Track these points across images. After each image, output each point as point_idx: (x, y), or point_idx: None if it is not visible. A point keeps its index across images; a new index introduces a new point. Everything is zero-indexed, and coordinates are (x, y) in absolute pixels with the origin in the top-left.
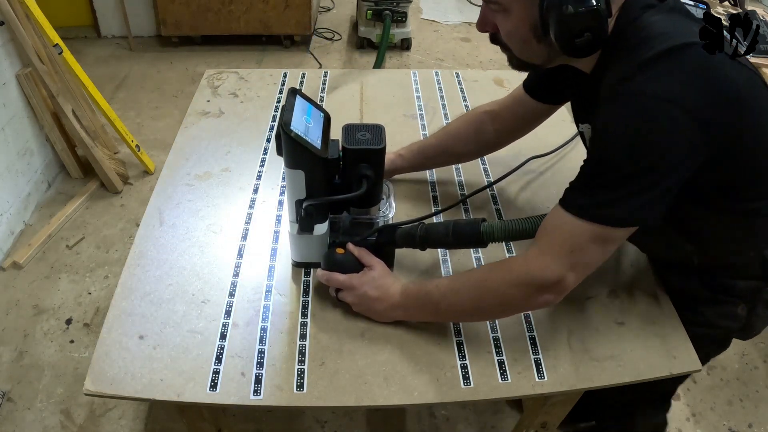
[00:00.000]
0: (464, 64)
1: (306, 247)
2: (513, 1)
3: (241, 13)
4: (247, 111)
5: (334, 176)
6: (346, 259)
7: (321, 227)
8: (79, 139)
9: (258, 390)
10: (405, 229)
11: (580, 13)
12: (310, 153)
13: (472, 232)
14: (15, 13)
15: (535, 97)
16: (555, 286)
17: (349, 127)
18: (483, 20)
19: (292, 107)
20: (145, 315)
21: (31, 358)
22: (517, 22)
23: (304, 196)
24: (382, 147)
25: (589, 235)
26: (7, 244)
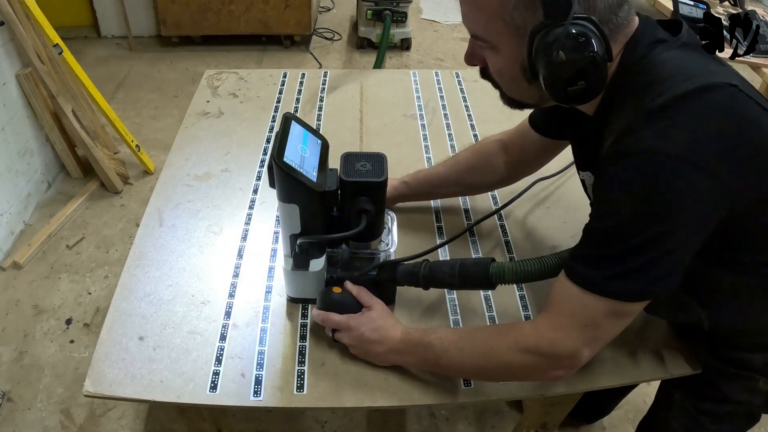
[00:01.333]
0: (464, 65)
1: (301, 284)
2: (501, 39)
3: (241, 13)
4: (246, 111)
5: (332, 208)
6: (343, 299)
7: (317, 263)
8: (79, 139)
9: (258, 391)
10: (408, 266)
11: (572, 61)
12: (305, 187)
13: (480, 274)
14: (15, 13)
15: (540, 132)
16: (569, 361)
17: (349, 156)
18: (471, 54)
19: (287, 135)
20: (145, 316)
21: (31, 358)
22: (507, 61)
23: (299, 231)
24: (383, 180)
25: (603, 310)
26: (7, 244)
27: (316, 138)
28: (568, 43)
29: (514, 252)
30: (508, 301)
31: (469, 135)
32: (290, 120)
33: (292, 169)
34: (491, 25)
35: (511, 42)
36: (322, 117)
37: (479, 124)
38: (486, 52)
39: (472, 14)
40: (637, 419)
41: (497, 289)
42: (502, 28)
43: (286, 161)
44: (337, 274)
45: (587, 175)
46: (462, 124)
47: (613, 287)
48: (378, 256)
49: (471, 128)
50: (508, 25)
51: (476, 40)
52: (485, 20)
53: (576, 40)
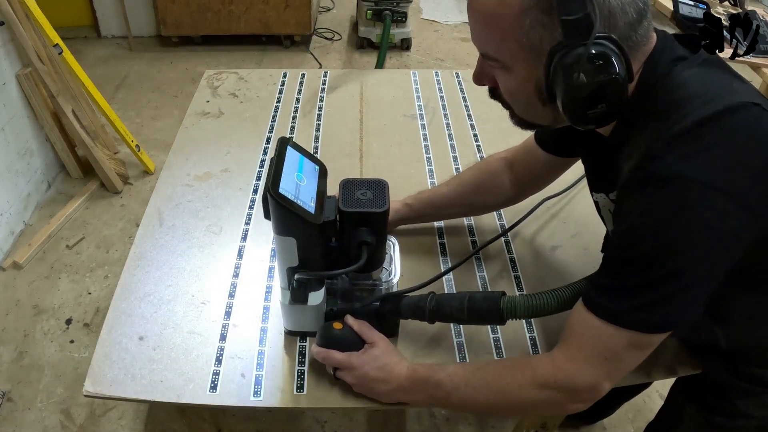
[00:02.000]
0: (464, 64)
1: (300, 317)
2: (514, 59)
3: (241, 13)
4: (246, 111)
5: (331, 239)
6: (344, 336)
7: (316, 296)
8: (79, 139)
9: (258, 391)
10: (413, 299)
11: (594, 84)
12: (302, 219)
13: (490, 309)
14: (15, 13)
15: (548, 150)
16: (588, 394)
17: (348, 183)
18: (480, 74)
19: (282, 162)
20: (145, 316)
21: (31, 358)
22: (520, 82)
23: (296, 264)
24: (384, 210)
25: (625, 343)
26: (7, 244)
27: (314, 164)
28: (589, 64)
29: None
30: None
31: (469, 135)
32: (285, 145)
33: (289, 201)
34: (504, 44)
35: (526, 62)
36: (322, 117)
37: (479, 124)
38: (497, 72)
39: (483, 33)
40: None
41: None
42: (516, 48)
43: (281, 192)
44: (337, 306)
45: (601, 197)
46: (462, 124)
47: (636, 319)
48: (380, 287)
49: (471, 128)
50: (522, 45)
51: (486, 59)
52: (498, 39)
53: (597, 61)
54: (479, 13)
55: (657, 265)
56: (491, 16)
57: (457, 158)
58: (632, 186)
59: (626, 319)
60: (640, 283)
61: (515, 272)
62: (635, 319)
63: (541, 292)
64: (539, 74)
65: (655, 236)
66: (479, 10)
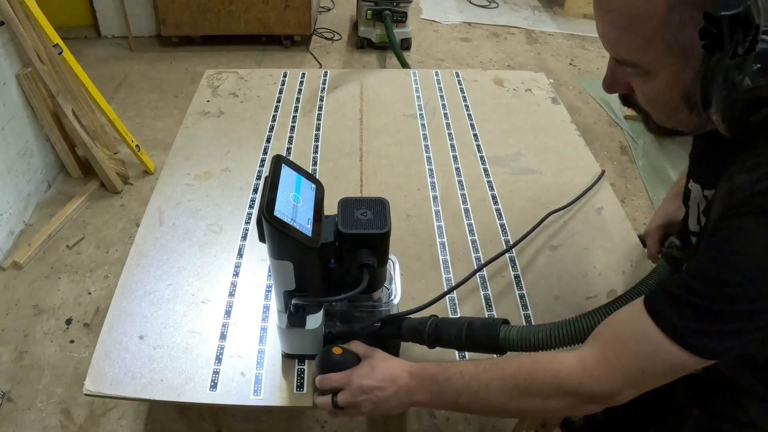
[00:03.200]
0: (464, 64)
1: (298, 341)
2: (659, 63)
3: (241, 13)
4: (247, 111)
5: (330, 260)
6: (345, 360)
7: (314, 319)
8: (79, 139)
9: (258, 390)
10: (413, 322)
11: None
12: (299, 243)
13: (489, 339)
14: (15, 13)
15: None
16: (608, 399)
17: (347, 203)
18: (612, 80)
19: (277, 183)
20: (145, 315)
21: (31, 358)
22: (665, 88)
23: (293, 288)
24: (386, 231)
25: (674, 362)
26: (7, 244)
27: (310, 182)
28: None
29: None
30: None
31: (469, 135)
32: (281, 164)
33: (284, 225)
34: (649, 48)
35: (673, 66)
36: (322, 117)
37: (479, 124)
38: (635, 78)
39: (621, 36)
40: None
41: None
42: (662, 51)
43: (277, 215)
44: (336, 329)
45: (696, 187)
46: (462, 123)
47: (701, 343)
48: (380, 308)
49: (471, 128)
50: (670, 47)
51: (624, 65)
52: (642, 43)
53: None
54: (617, 14)
55: (748, 298)
56: (633, 16)
57: (457, 158)
58: (748, 207)
59: (689, 340)
60: (719, 310)
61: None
62: (700, 344)
63: (542, 325)
64: (687, 78)
65: (757, 268)
66: (617, 9)
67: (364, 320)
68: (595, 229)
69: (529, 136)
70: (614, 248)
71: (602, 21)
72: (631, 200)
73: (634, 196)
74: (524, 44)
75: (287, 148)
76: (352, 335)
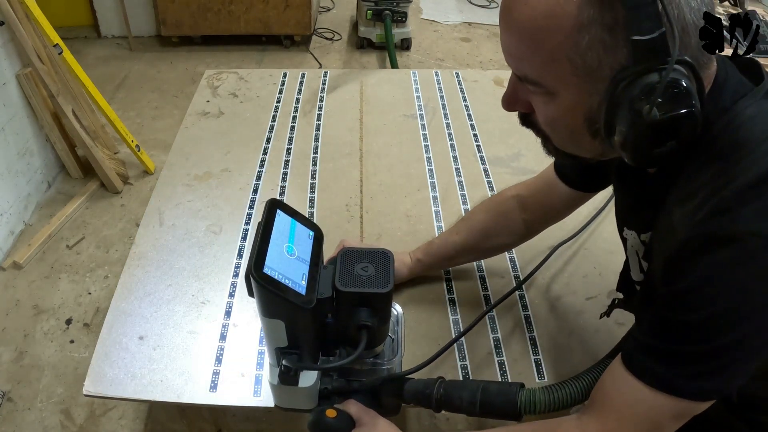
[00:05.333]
0: (464, 64)
1: (291, 397)
2: (562, 83)
3: (241, 13)
4: (246, 111)
5: (326, 315)
6: (339, 425)
7: (309, 375)
8: (79, 139)
9: (258, 391)
10: (418, 384)
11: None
12: (291, 304)
13: (505, 406)
14: (15, 13)
15: (572, 185)
16: None
17: (347, 254)
18: (512, 97)
19: (269, 232)
20: (145, 316)
21: (31, 358)
22: (566, 111)
23: (285, 345)
24: (388, 291)
25: (672, 412)
26: (7, 244)
27: (308, 229)
28: (664, 95)
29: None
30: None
31: (468, 135)
32: (275, 210)
33: (275, 283)
34: (551, 66)
35: (577, 88)
36: (322, 117)
37: (479, 124)
38: (535, 97)
39: (524, 52)
40: None
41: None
42: (566, 71)
43: (266, 273)
44: (332, 385)
45: (631, 234)
46: (462, 123)
47: (691, 387)
48: (382, 368)
49: (471, 128)
50: (575, 68)
51: (525, 82)
52: (544, 60)
53: (674, 91)
54: (521, 28)
55: (722, 332)
56: (538, 32)
57: (457, 158)
58: (695, 242)
59: (680, 387)
60: (701, 351)
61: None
62: (690, 388)
63: (563, 382)
64: (592, 102)
65: (725, 300)
66: (521, 23)
67: (364, 375)
68: (596, 229)
69: (529, 136)
70: (614, 248)
71: (506, 34)
72: None
73: None
74: None
75: (287, 148)
76: (351, 392)
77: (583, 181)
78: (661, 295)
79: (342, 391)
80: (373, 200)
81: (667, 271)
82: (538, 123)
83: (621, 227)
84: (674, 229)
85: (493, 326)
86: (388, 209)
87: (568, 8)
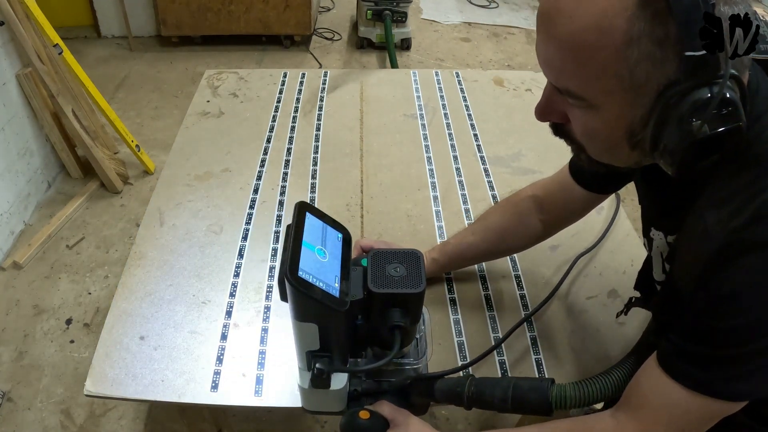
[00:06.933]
0: (464, 64)
1: (321, 400)
2: (608, 97)
3: (241, 13)
4: (247, 111)
5: (357, 317)
6: (372, 426)
7: (339, 378)
8: (79, 139)
9: (259, 391)
10: (448, 383)
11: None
12: (325, 306)
13: (538, 401)
14: (15, 13)
15: (588, 187)
16: None
17: (377, 256)
18: (547, 107)
19: (301, 236)
20: (146, 316)
21: (31, 358)
22: (608, 123)
23: (317, 348)
24: (421, 291)
25: (709, 413)
26: (7, 244)
27: (336, 231)
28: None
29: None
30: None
31: (469, 134)
32: (305, 213)
33: (309, 286)
34: (598, 81)
35: (622, 101)
36: (323, 117)
37: (479, 124)
38: (575, 110)
39: (570, 66)
40: None
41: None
42: (612, 86)
43: (301, 276)
44: (362, 386)
45: (659, 234)
46: (462, 123)
47: (730, 389)
48: (410, 368)
49: (471, 128)
50: (622, 82)
51: (566, 95)
52: (589, 75)
53: (725, 106)
54: (565, 41)
55: (760, 337)
56: (584, 47)
57: (457, 158)
58: (734, 248)
59: (719, 388)
60: (738, 354)
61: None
62: (727, 389)
63: (592, 378)
64: (635, 115)
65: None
66: (565, 37)
67: (392, 375)
68: (596, 229)
69: (529, 136)
70: (614, 248)
71: (546, 45)
72: (631, 200)
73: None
74: (524, 44)
75: (287, 148)
76: (380, 393)
77: (598, 184)
78: (698, 299)
79: (371, 393)
80: (374, 200)
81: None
82: (572, 133)
83: (647, 228)
84: (708, 234)
85: (494, 326)
86: (388, 209)
87: (617, 22)
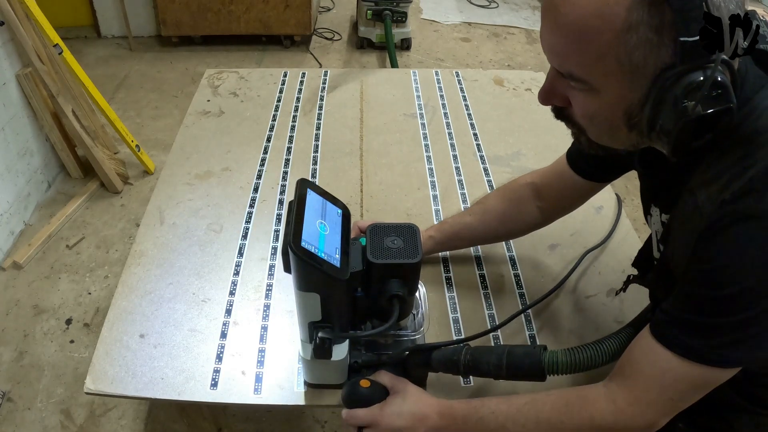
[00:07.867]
0: (464, 64)
1: (322, 371)
2: (608, 80)
3: (241, 13)
4: (247, 110)
5: (357, 289)
6: (373, 394)
7: (340, 350)
8: (79, 139)
9: (258, 389)
10: (445, 352)
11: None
12: (327, 275)
13: (531, 366)
14: (15, 13)
15: (584, 175)
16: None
17: (375, 229)
18: (550, 91)
19: (303, 210)
20: (146, 314)
21: (31, 358)
22: (608, 106)
23: (319, 318)
24: (418, 261)
25: (700, 380)
26: (7, 244)
27: (336, 207)
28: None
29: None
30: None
31: (469, 134)
32: (306, 189)
33: (313, 256)
34: (598, 64)
35: (621, 84)
36: (323, 116)
37: (479, 123)
38: (576, 93)
39: (572, 51)
40: None
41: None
42: (612, 69)
43: (304, 246)
44: (362, 358)
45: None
46: (462, 123)
47: (719, 355)
48: (408, 339)
49: (471, 127)
50: (621, 66)
51: (567, 78)
52: (591, 58)
53: (717, 88)
54: (569, 27)
55: (753, 305)
56: (587, 31)
57: (457, 157)
58: (723, 221)
59: (709, 356)
60: (729, 322)
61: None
62: (718, 357)
63: (585, 345)
64: (633, 98)
65: (754, 275)
66: (569, 23)
67: (390, 348)
68: (595, 228)
69: (529, 135)
70: (614, 248)
71: (551, 32)
72: (631, 200)
73: (634, 195)
74: (524, 44)
75: (287, 148)
76: (379, 365)
77: (595, 172)
78: (690, 270)
79: (371, 365)
80: (374, 199)
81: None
82: (573, 116)
83: (647, 207)
84: (700, 210)
85: (492, 324)
86: (388, 208)
87: (617, 9)
